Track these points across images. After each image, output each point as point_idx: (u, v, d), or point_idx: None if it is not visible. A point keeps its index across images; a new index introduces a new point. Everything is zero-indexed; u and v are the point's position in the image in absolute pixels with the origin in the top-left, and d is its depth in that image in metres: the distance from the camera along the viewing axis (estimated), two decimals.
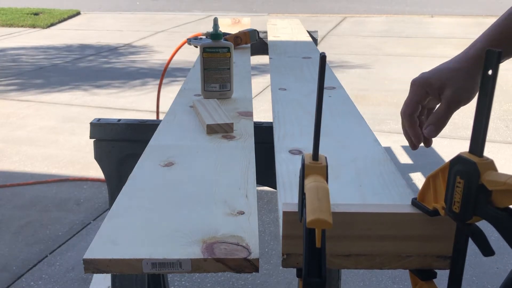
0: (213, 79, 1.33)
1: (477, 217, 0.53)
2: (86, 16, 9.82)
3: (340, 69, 5.33)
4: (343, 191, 0.79)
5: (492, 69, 0.50)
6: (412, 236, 0.63)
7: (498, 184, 0.50)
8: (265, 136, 1.21)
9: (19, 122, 3.90)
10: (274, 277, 2.07)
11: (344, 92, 1.37)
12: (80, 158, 3.21)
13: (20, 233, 2.40)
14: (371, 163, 0.90)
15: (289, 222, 0.62)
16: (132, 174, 0.89)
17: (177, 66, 5.25)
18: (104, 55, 6.34)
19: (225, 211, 0.77)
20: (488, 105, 0.51)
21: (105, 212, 2.57)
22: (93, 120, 1.40)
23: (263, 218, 2.50)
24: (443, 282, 0.63)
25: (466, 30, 7.72)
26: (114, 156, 1.40)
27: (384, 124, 3.76)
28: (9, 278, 2.08)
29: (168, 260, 0.65)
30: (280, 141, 1.02)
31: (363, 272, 2.07)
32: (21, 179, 2.94)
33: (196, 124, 1.16)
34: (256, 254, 0.66)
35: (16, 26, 8.65)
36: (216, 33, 1.34)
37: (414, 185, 2.77)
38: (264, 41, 2.20)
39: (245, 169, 0.92)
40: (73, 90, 4.74)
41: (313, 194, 0.52)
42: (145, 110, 4.13)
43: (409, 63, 5.63)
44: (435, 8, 10.26)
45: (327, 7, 10.77)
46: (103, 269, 0.65)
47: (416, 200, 0.64)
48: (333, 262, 0.64)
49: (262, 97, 4.32)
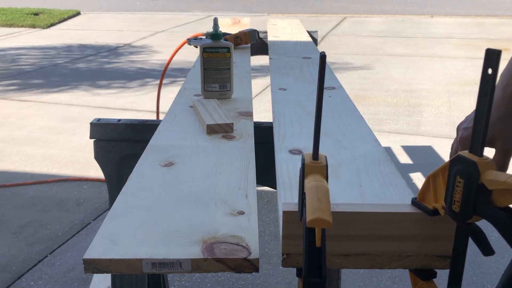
0: (213, 79, 1.33)
1: (477, 217, 0.53)
2: (86, 16, 9.82)
3: (340, 69, 5.33)
4: (343, 191, 0.79)
5: (492, 68, 0.50)
6: (412, 236, 0.63)
7: (498, 183, 0.50)
8: (265, 136, 1.21)
9: (19, 122, 3.90)
10: (274, 277, 2.07)
11: (344, 92, 1.37)
12: (80, 158, 3.21)
13: (20, 233, 2.40)
14: (371, 163, 0.90)
15: (289, 222, 0.62)
16: (132, 174, 0.89)
17: (177, 66, 5.24)
18: (104, 55, 6.34)
19: (225, 211, 0.77)
20: (488, 105, 0.51)
21: (105, 212, 2.57)
22: (93, 120, 1.40)
23: (263, 218, 2.50)
24: (443, 282, 0.63)
25: (466, 30, 7.72)
26: (114, 156, 1.40)
27: (384, 124, 3.75)
28: (9, 278, 2.08)
29: (168, 260, 0.65)
30: (280, 141, 1.02)
31: (363, 272, 2.07)
32: (21, 179, 2.94)
33: (196, 124, 1.15)
34: (256, 254, 0.66)
35: (16, 26, 8.65)
36: (216, 33, 1.34)
37: (414, 185, 2.77)
38: (264, 41, 2.20)
39: (245, 169, 0.92)
40: (73, 90, 4.74)
41: (313, 193, 0.52)
42: (145, 110, 4.13)
43: (409, 63, 5.63)
44: (435, 8, 10.25)
45: (327, 7, 10.76)
46: (103, 269, 0.65)
47: (416, 200, 0.64)
48: (333, 262, 0.64)
49: (262, 97, 4.32)
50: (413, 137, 3.50)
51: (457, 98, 4.35)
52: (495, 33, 7.38)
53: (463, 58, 5.81)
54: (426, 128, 3.66)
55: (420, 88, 4.66)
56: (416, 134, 3.55)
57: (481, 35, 7.21)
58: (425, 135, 3.54)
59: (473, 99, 4.28)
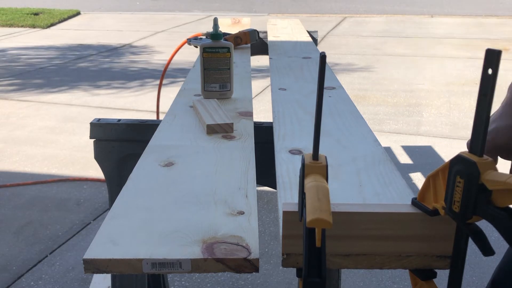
0: (213, 79, 1.33)
1: (477, 217, 0.53)
2: (86, 16, 9.82)
3: (340, 69, 5.33)
4: (343, 191, 0.79)
5: (492, 69, 0.50)
6: (412, 236, 0.63)
7: (498, 183, 0.50)
8: (265, 136, 1.21)
9: (19, 122, 3.90)
10: (274, 277, 2.07)
11: (344, 92, 1.37)
12: (80, 158, 3.21)
13: (20, 233, 2.40)
14: (371, 163, 0.90)
15: (289, 222, 0.62)
16: (132, 174, 0.89)
17: (177, 66, 5.25)
18: (104, 55, 6.34)
19: (225, 211, 0.77)
20: (488, 105, 0.51)
21: (105, 212, 2.57)
22: (93, 120, 1.40)
23: (263, 218, 2.50)
24: (443, 282, 0.63)
25: (466, 30, 7.72)
26: (114, 156, 1.40)
27: (384, 124, 3.75)
28: (9, 278, 2.08)
29: (168, 260, 0.65)
30: (280, 141, 1.02)
31: (363, 272, 2.07)
32: (21, 179, 2.94)
33: (196, 124, 1.15)
34: (256, 254, 0.66)
35: (16, 26, 8.65)
36: (216, 33, 1.34)
37: (414, 185, 2.77)
38: (264, 41, 2.20)
39: (245, 169, 0.92)
40: (73, 90, 4.74)
41: (313, 193, 0.52)
42: (145, 110, 4.13)
43: (409, 63, 5.63)
44: (435, 8, 10.25)
45: (327, 7, 10.76)
46: (103, 269, 0.65)
47: (416, 200, 0.63)
48: (333, 262, 0.64)
49: (262, 97, 4.32)
50: (413, 137, 3.50)
51: (457, 98, 4.35)
52: (495, 33, 7.38)
53: (463, 58, 5.82)
54: (426, 128, 3.66)
55: (420, 88, 4.66)
56: (416, 134, 3.56)
57: (481, 35, 7.21)
58: (425, 135, 3.54)
59: (473, 99, 4.29)
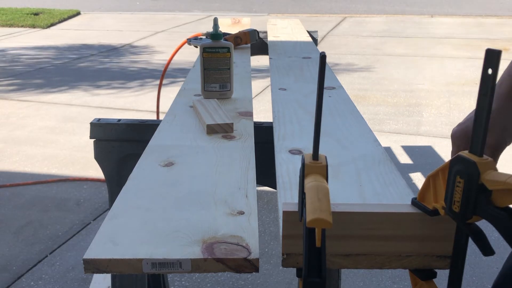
0: (213, 79, 1.33)
1: (477, 217, 0.53)
2: (86, 16, 9.82)
3: (340, 69, 5.33)
4: (343, 191, 0.79)
5: (492, 69, 0.50)
6: (412, 236, 0.63)
7: (498, 183, 0.50)
8: (265, 136, 1.21)
9: (19, 122, 3.90)
10: (274, 277, 2.07)
11: (344, 92, 1.37)
12: (80, 158, 3.21)
13: (20, 233, 2.40)
14: (371, 163, 0.90)
15: (289, 222, 0.62)
16: (132, 174, 0.89)
17: (177, 66, 5.25)
18: (104, 55, 6.34)
19: (225, 211, 0.77)
20: (488, 105, 0.51)
21: (105, 212, 2.57)
22: (93, 120, 1.40)
23: (263, 218, 2.50)
24: (443, 282, 0.63)
25: (466, 30, 7.72)
26: (114, 156, 1.40)
27: (384, 124, 3.75)
28: (9, 278, 2.08)
29: (168, 260, 0.65)
30: (280, 141, 1.02)
31: (363, 272, 2.07)
32: (21, 179, 2.94)
33: (196, 124, 1.15)
34: (256, 254, 0.66)
35: (16, 26, 8.65)
36: (216, 33, 1.34)
37: (414, 185, 2.77)
38: (264, 41, 2.20)
39: (245, 169, 0.92)
40: (73, 90, 4.74)
41: (313, 193, 0.52)
42: (145, 110, 4.13)
43: (409, 63, 5.63)
44: (435, 8, 10.25)
45: (327, 7, 10.76)
46: (103, 269, 0.65)
47: (416, 200, 0.63)
48: (333, 262, 0.64)
49: (262, 97, 4.32)
50: (413, 137, 3.50)
51: (457, 98, 4.35)
52: (495, 33, 7.38)
53: (463, 58, 5.81)
54: (426, 128, 3.66)
55: (420, 88, 4.66)
56: (416, 134, 3.55)
57: (481, 35, 7.21)
58: (425, 135, 3.54)
59: (473, 99, 4.28)
